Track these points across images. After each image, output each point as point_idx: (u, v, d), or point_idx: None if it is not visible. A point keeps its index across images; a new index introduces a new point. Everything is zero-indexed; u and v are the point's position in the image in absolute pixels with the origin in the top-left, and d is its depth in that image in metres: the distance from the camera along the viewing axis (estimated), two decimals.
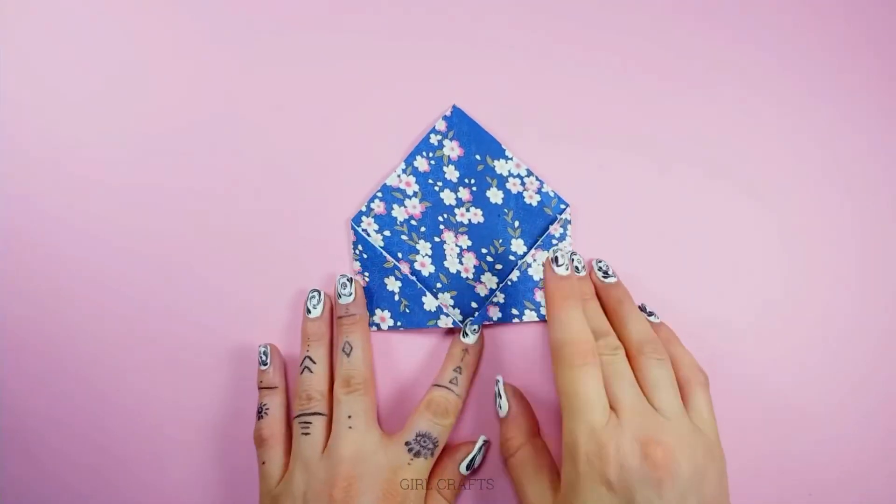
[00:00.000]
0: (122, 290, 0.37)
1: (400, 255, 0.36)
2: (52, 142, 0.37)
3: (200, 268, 0.36)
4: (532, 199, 0.35)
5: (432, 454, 0.32)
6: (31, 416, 0.37)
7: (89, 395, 0.37)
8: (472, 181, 0.35)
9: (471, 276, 0.36)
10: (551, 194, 0.35)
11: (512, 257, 0.36)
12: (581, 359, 0.29)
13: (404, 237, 0.36)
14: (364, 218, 0.36)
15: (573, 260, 0.34)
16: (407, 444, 0.32)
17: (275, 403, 0.34)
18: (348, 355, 0.33)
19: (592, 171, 0.36)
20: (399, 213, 0.36)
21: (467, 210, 0.36)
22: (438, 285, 0.36)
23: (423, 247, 0.36)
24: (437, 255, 0.36)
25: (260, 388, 0.34)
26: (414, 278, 0.35)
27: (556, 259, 0.31)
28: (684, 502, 0.26)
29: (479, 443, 0.34)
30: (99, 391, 0.37)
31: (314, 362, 0.33)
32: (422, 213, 0.36)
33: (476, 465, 0.34)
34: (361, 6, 0.36)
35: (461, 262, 0.36)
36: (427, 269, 0.36)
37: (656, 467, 0.27)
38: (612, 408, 0.29)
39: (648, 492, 0.26)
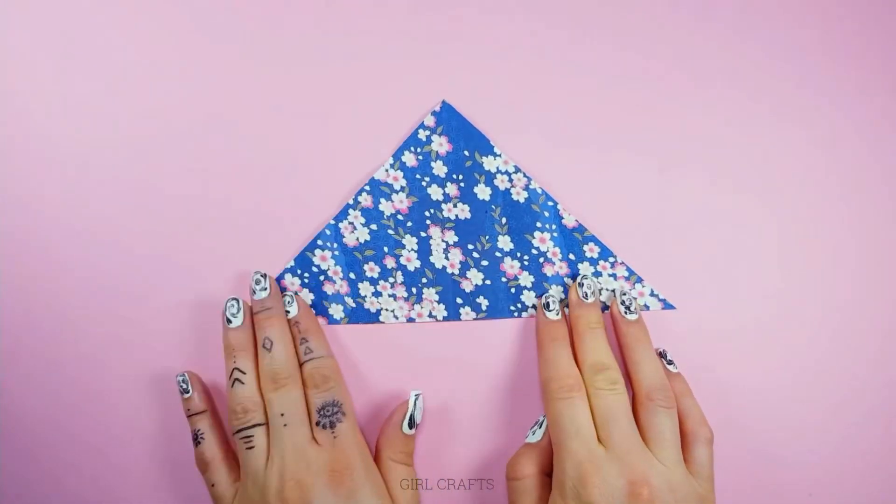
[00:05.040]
0: (122, 291, 0.36)
1: (386, 249, 0.35)
2: (51, 142, 0.37)
3: (200, 267, 0.36)
4: (519, 195, 0.35)
5: (345, 415, 0.32)
6: (30, 418, 0.36)
7: (88, 397, 0.36)
8: (460, 177, 0.36)
9: (456, 271, 0.35)
10: (539, 191, 0.35)
11: (498, 254, 0.35)
12: (565, 392, 0.31)
13: (391, 231, 0.35)
14: (351, 211, 0.35)
15: (583, 286, 0.34)
16: (317, 423, 0.31)
17: (207, 426, 0.33)
18: (269, 350, 0.32)
19: (593, 171, 0.36)
20: (386, 207, 0.35)
21: (454, 206, 0.35)
22: (424, 280, 0.35)
23: (409, 241, 0.35)
24: (423, 251, 0.35)
25: (188, 416, 0.34)
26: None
27: (546, 304, 0.34)
28: None
29: (412, 398, 0.33)
30: (98, 392, 0.36)
31: (244, 373, 0.32)
32: (408, 207, 0.35)
33: (418, 421, 0.34)
34: (356, 2, 0.37)
35: (447, 258, 0.35)
36: (413, 263, 0.35)
37: None
38: (602, 442, 0.30)
39: None
